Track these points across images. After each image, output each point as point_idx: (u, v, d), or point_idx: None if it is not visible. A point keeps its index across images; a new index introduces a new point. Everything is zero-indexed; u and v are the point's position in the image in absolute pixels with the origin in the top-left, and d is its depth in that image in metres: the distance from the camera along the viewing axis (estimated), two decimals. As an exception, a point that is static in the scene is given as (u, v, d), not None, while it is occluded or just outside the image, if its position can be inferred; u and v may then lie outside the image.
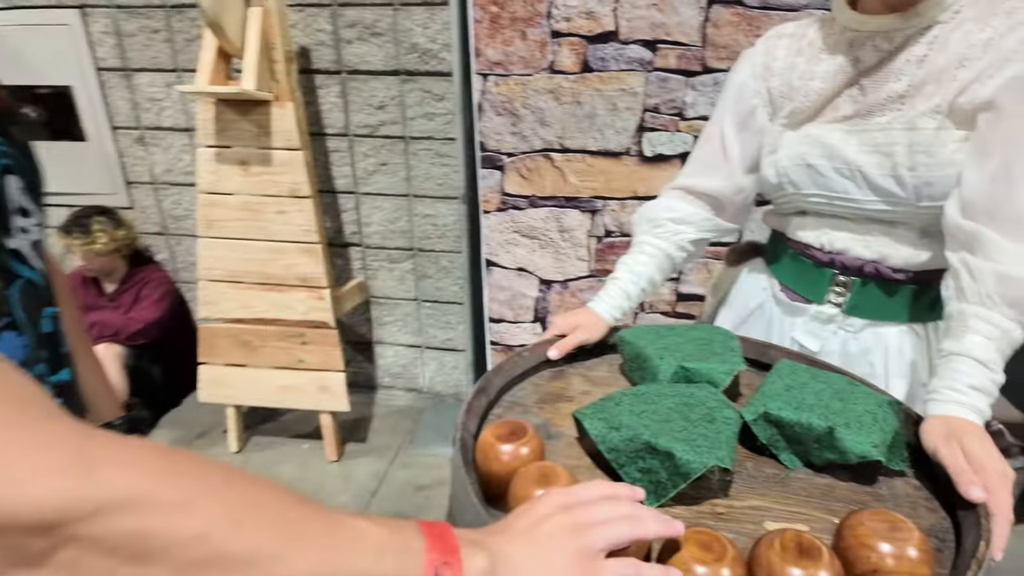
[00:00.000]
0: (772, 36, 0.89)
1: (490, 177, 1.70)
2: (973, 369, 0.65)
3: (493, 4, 1.52)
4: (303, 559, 0.30)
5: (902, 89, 0.74)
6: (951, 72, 0.71)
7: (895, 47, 0.76)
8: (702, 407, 0.67)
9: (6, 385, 0.26)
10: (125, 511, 0.25)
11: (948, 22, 0.73)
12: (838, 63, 0.79)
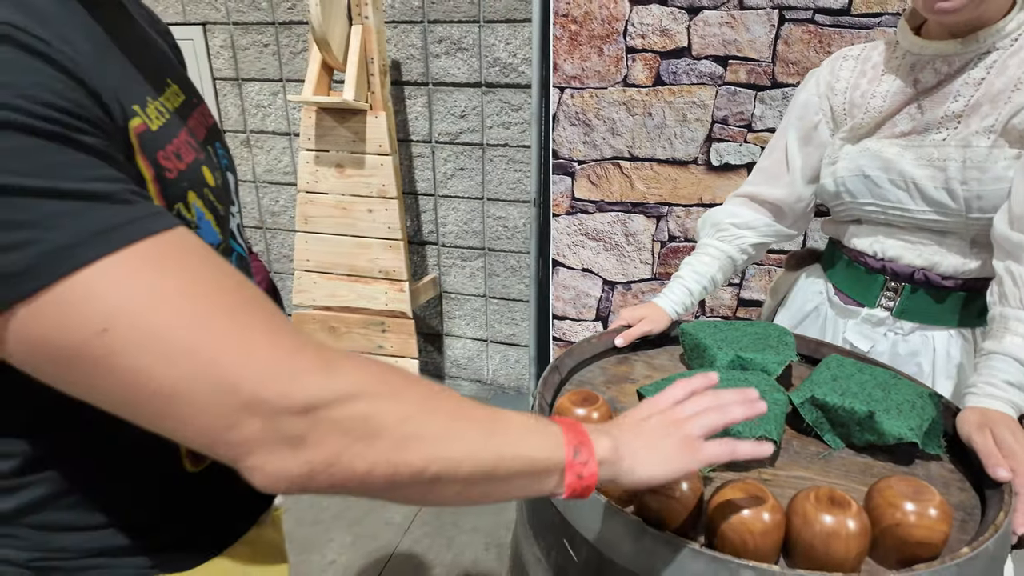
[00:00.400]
0: (838, 57, 0.97)
1: (561, 183, 1.81)
2: (1010, 367, 0.71)
3: (573, 22, 1.64)
4: (474, 436, 0.41)
5: (959, 109, 0.81)
6: (1007, 94, 0.77)
7: (954, 70, 0.82)
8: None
9: (264, 305, 0.38)
10: (356, 400, 0.37)
11: (1007, 48, 0.79)
12: (899, 84, 0.86)
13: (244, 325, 0.35)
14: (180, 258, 0.35)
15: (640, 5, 1.59)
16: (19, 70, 0.32)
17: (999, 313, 0.75)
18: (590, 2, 1.61)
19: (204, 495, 0.52)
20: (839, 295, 0.98)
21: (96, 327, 0.32)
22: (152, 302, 0.33)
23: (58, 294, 0.31)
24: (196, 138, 0.51)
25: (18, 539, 0.46)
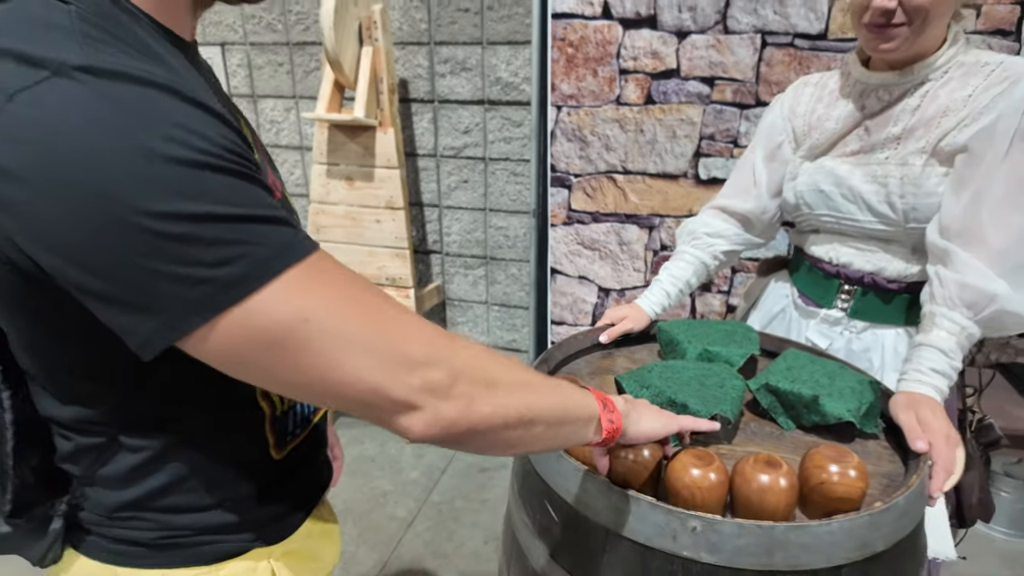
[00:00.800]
0: (800, 84, 1.08)
1: (558, 194, 1.93)
2: (936, 356, 0.81)
3: (569, 46, 1.76)
4: (548, 389, 0.55)
5: (898, 132, 0.92)
6: (937, 120, 0.88)
7: (895, 98, 0.93)
8: (716, 377, 0.86)
9: (389, 298, 0.47)
10: (475, 359, 0.47)
11: (938, 79, 0.90)
12: (849, 108, 0.97)
13: (395, 311, 0.45)
14: (335, 267, 0.44)
15: (632, 30, 1.71)
16: (202, 122, 0.40)
17: (928, 310, 0.85)
18: (585, 27, 1.73)
19: (286, 478, 0.62)
20: (802, 298, 1.08)
21: (299, 317, 0.40)
22: (334, 298, 0.42)
23: (268, 294, 0.39)
24: (272, 169, 0.62)
25: (145, 521, 0.55)
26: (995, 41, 1.50)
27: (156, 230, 0.37)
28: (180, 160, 0.37)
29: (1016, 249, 0.82)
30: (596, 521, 0.70)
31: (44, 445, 0.55)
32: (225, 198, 0.39)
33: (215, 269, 0.38)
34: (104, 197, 0.36)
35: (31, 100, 0.36)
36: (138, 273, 0.38)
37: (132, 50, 0.41)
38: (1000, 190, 0.82)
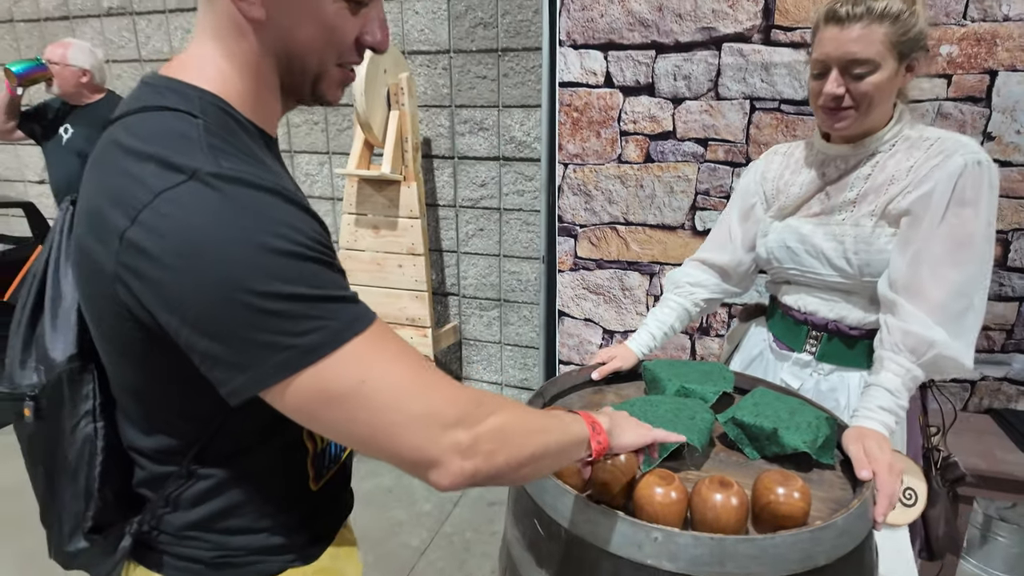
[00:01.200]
0: (771, 153, 1.22)
1: (565, 243, 2.07)
2: (883, 395, 0.92)
3: (575, 111, 1.94)
4: (550, 427, 0.63)
5: (853, 197, 1.04)
6: (885, 187, 1.01)
7: (850, 167, 1.06)
8: (689, 411, 0.97)
9: (426, 362, 0.57)
10: (492, 419, 0.55)
11: (886, 151, 1.03)
12: (812, 175, 1.11)
13: (434, 376, 0.54)
14: (389, 336, 0.53)
15: (631, 96, 1.88)
16: (298, 219, 0.50)
17: (878, 354, 0.96)
18: (589, 94, 1.91)
19: (320, 506, 0.70)
20: (776, 342, 1.19)
21: (358, 379, 0.49)
22: (386, 364, 0.51)
23: (336, 359, 0.49)
24: None
25: (206, 541, 0.63)
26: (967, 107, 1.63)
27: (258, 306, 0.47)
28: (283, 252, 0.48)
29: (953, 301, 0.93)
30: (575, 534, 0.81)
31: (125, 471, 0.64)
32: (313, 282, 0.49)
33: (298, 338, 0.48)
34: (222, 277, 0.46)
35: (171, 198, 0.47)
36: (239, 337, 0.48)
37: (243, 156, 0.53)
38: (938, 249, 0.94)
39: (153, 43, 2.70)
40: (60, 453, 0.62)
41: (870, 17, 0.92)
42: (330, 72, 0.61)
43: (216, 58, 0.57)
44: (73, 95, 2.44)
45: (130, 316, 0.52)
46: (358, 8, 0.59)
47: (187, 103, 0.54)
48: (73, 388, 0.61)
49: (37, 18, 2.87)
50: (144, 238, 0.48)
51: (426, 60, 2.29)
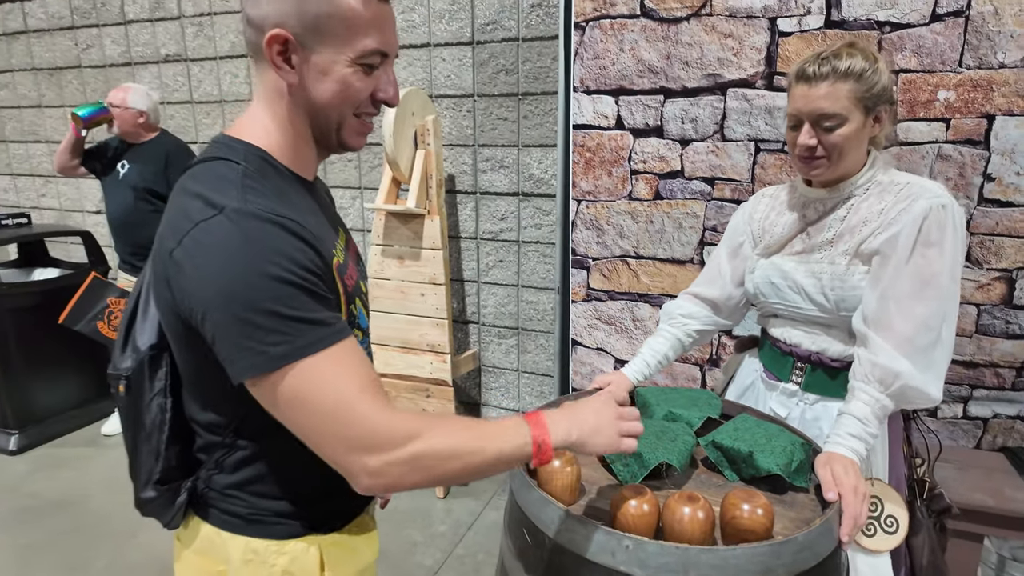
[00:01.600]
0: (759, 195, 1.30)
1: (578, 275, 2.17)
2: (853, 423, 0.97)
3: (588, 151, 2.05)
4: (474, 442, 0.69)
5: (830, 237, 1.12)
6: (858, 228, 1.08)
7: (828, 209, 1.14)
8: (671, 433, 1.05)
9: (375, 384, 0.68)
10: (408, 446, 0.64)
11: (860, 195, 1.10)
12: (795, 217, 1.18)
13: (364, 405, 0.65)
14: (342, 360, 0.65)
15: (641, 138, 1.99)
16: (292, 247, 0.64)
17: (851, 384, 1.02)
18: (601, 136, 2.03)
19: (341, 486, 0.73)
20: (766, 372, 1.25)
21: (304, 391, 0.63)
22: (327, 384, 0.64)
23: (292, 370, 0.62)
24: (355, 262, 0.85)
25: (242, 500, 0.78)
26: (966, 150, 1.69)
27: (245, 316, 0.62)
28: (273, 276, 0.62)
29: (920, 335, 0.99)
30: (557, 542, 0.88)
31: (186, 439, 0.80)
32: (291, 304, 0.63)
33: (269, 347, 0.63)
34: (225, 290, 0.63)
35: (205, 228, 0.63)
36: (230, 338, 0.63)
37: (272, 195, 0.68)
38: (905, 287, 1.00)
39: (204, 87, 2.94)
40: (140, 420, 0.78)
41: (835, 76, 1.01)
42: (349, 122, 0.75)
43: (263, 118, 0.75)
44: (131, 134, 2.68)
45: (174, 313, 0.68)
46: (370, 71, 0.73)
47: (235, 154, 0.71)
48: (151, 370, 0.77)
49: (103, 64, 3.16)
50: (182, 256, 0.65)
51: (452, 103, 2.45)
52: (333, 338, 0.66)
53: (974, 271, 1.74)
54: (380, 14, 0.72)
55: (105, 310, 2.65)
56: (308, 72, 0.71)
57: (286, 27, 0.68)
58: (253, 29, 0.71)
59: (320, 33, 0.69)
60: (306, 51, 0.70)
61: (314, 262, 0.67)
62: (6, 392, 2.75)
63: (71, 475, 2.63)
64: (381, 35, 0.72)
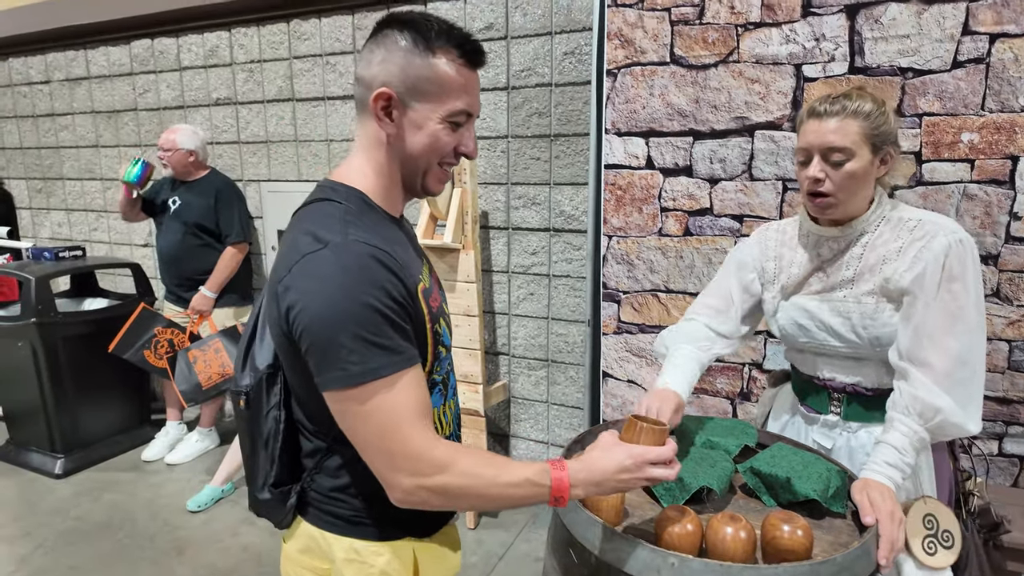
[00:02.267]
0: (763, 230, 1.32)
1: (609, 308, 2.23)
2: (890, 452, 1.01)
3: (618, 189, 2.14)
4: (502, 498, 0.78)
5: (850, 275, 1.16)
6: (878, 267, 1.12)
7: (842, 248, 1.17)
8: (711, 459, 1.09)
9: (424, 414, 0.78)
10: (437, 477, 0.76)
11: (873, 232, 1.15)
12: (809, 255, 1.21)
13: (410, 431, 0.75)
14: (409, 384, 0.76)
15: (671, 177, 2.07)
16: (383, 278, 0.75)
17: (889, 415, 1.06)
18: (632, 175, 2.11)
19: None
20: (803, 406, 1.28)
21: (367, 408, 0.74)
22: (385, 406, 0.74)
23: (368, 387, 0.73)
24: (438, 287, 0.95)
25: (345, 503, 0.88)
26: (991, 189, 1.73)
27: (335, 338, 0.73)
28: (364, 304, 0.74)
29: (957, 369, 1.03)
30: (603, 560, 0.93)
31: (296, 446, 0.90)
32: (373, 331, 0.74)
33: (351, 365, 0.73)
34: (323, 314, 0.74)
35: (312, 259, 0.75)
36: (321, 354, 0.74)
37: (369, 229, 0.79)
38: (937, 323, 1.05)
39: (252, 128, 3.12)
40: (258, 430, 0.89)
41: (845, 113, 1.07)
42: (433, 170, 0.87)
43: (362, 165, 0.87)
44: (182, 173, 2.85)
45: (284, 334, 0.79)
46: (456, 128, 0.85)
47: (338, 195, 0.84)
48: (268, 386, 0.88)
49: (157, 107, 3.37)
50: (289, 282, 0.77)
51: (487, 144, 2.57)
52: (401, 365, 0.76)
53: (1004, 307, 1.77)
54: (470, 80, 0.84)
55: (152, 339, 2.78)
56: (405, 125, 0.83)
57: (391, 86, 0.81)
58: (362, 87, 0.84)
59: (419, 93, 0.81)
60: (405, 108, 0.82)
61: (400, 292, 0.77)
62: (56, 418, 2.87)
63: (115, 498, 2.71)
64: (468, 98, 0.84)
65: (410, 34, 0.81)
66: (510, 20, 2.44)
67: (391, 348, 0.75)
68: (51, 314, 2.76)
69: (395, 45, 0.81)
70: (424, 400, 0.79)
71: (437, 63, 0.81)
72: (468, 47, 0.83)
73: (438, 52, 0.81)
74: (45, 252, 3.06)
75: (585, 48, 2.33)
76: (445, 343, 0.92)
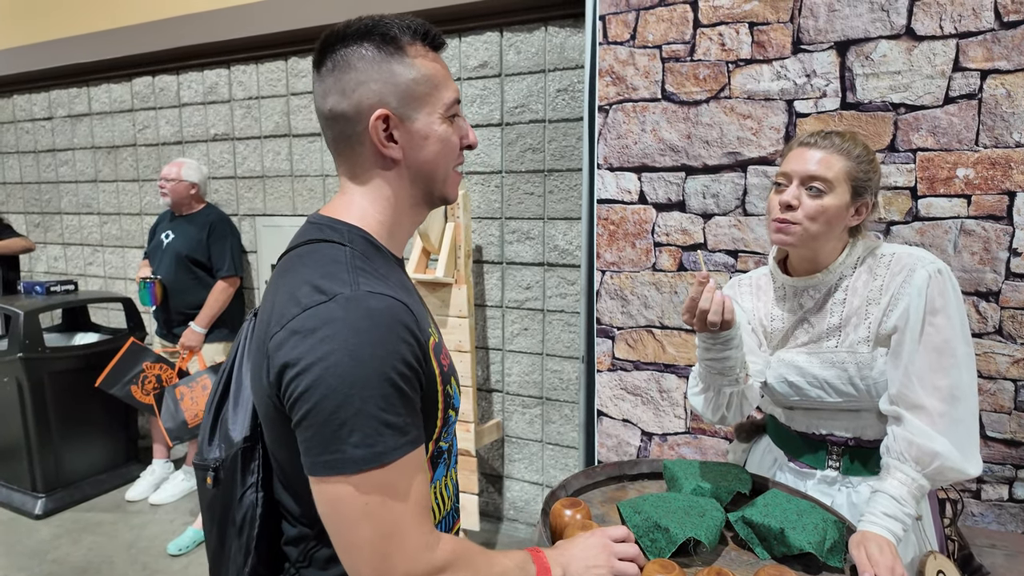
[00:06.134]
0: (733, 284, 1.27)
1: (603, 344, 2.18)
2: (888, 502, 0.95)
3: (611, 223, 2.12)
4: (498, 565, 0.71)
5: (837, 322, 1.11)
6: (864, 310, 1.08)
7: (824, 295, 1.13)
8: (700, 508, 1.03)
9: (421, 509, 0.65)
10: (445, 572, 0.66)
11: (852, 275, 1.11)
12: (789, 306, 1.17)
13: (421, 528, 0.65)
14: (412, 471, 0.65)
15: (664, 212, 2.05)
16: (397, 339, 0.63)
17: (885, 462, 1.00)
18: (624, 209, 2.09)
19: None
20: (793, 462, 1.21)
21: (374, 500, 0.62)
22: (394, 499, 0.63)
23: (369, 477, 0.61)
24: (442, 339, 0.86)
25: None
26: (989, 225, 1.70)
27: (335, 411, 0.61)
28: (380, 373, 0.62)
29: (950, 408, 0.98)
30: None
31: (275, 532, 0.77)
32: (381, 405, 0.62)
33: (352, 448, 0.61)
34: (324, 380, 0.61)
35: (315, 314, 0.64)
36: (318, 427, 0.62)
37: (378, 275, 0.69)
38: (923, 361, 1.00)
39: (248, 163, 3.14)
40: (229, 515, 0.76)
41: (833, 148, 1.05)
42: (451, 176, 0.80)
43: (360, 201, 0.76)
44: (181, 205, 2.85)
45: (271, 399, 0.68)
46: (453, 120, 0.78)
47: (339, 236, 0.73)
48: (244, 463, 0.75)
49: (156, 143, 3.40)
50: (285, 339, 0.65)
51: (481, 179, 2.57)
52: (407, 448, 0.65)
53: (1007, 345, 1.71)
54: (445, 66, 0.78)
55: (140, 375, 2.73)
56: (411, 142, 0.75)
57: (385, 105, 0.72)
58: (345, 121, 0.74)
59: (414, 100, 0.74)
60: (406, 123, 0.74)
61: (415, 354, 0.66)
62: (39, 456, 2.80)
63: (95, 540, 2.62)
64: (453, 84, 0.78)
65: (376, 43, 0.73)
66: (504, 58, 2.46)
67: (400, 428, 0.63)
68: (38, 349, 2.73)
69: (365, 62, 0.72)
70: (426, 491, 0.68)
71: (415, 62, 0.74)
72: (431, 32, 0.76)
73: (410, 50, 0.74)
74: (36, 286, 3.04)
75: (578, 85, 2.34)
76: (455, 405, 0.81)
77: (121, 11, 3.25)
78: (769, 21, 1.87)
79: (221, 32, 2.93)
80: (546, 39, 2.38)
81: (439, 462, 0.80)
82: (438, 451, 0.79)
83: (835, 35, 1.80)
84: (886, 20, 1.74)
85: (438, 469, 0.80)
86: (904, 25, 1.72)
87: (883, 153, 1.78)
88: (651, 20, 2.00)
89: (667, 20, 1.98)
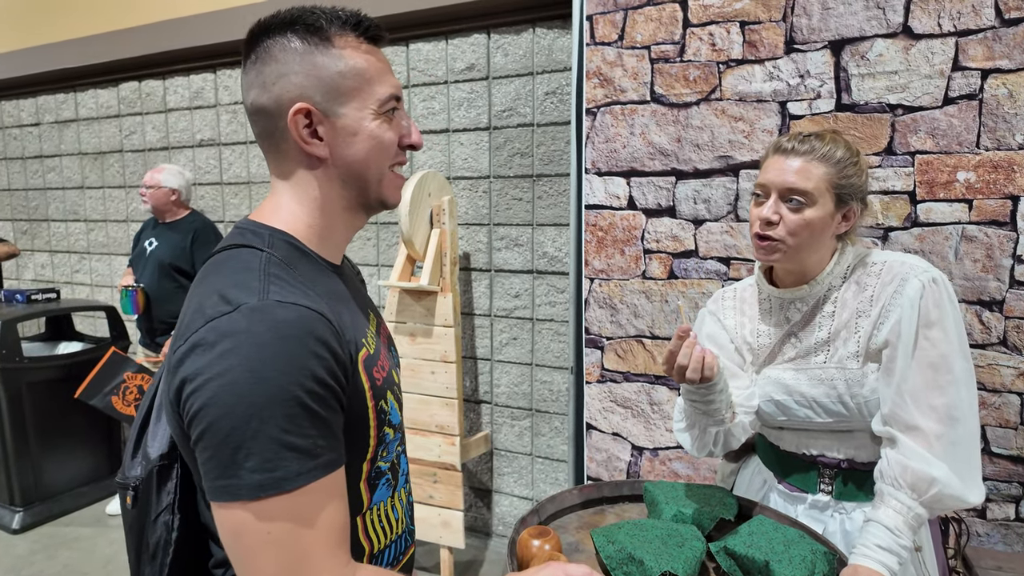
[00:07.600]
0: (716, 299, 1.20)
1: (592, 354, 2.10)
2: (882, 533, 0.87)
3: (600, 230, 2.05)
4: None
5: (825, 336, 1.03)
6: (854, 322, 1.00)
7: (811, 308, 1.05)
8: (679, 537, 0.95)
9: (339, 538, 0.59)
10: None
11: (840, 286, 1.03)
12: (775, 320, 1.09)
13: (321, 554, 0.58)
14: (324, 498, 0.59)
15: (654, 218, 1.98)
16: (306, 352, 0.57)
17: (878, 487, 0.92)
18: (613, 215, 2.02)
19: None
20: (783, 484, 1.13)
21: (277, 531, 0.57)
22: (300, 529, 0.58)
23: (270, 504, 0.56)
24: (387, 348, 0.78)
25: None
26: (992, 231, 1.62)
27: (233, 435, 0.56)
28: (283, 390, 0.56)
29: (948, 430, 0.90)
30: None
31: (198, 556, 0.71)
32: (284, 426, 0.57)
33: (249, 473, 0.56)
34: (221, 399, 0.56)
35: (217, 326, 0.58)
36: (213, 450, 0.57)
37: (297, 282, 0.64)
38: (918, 378, 0.92)
39: (234, 169, 3.08)
40: (145, 538, 0.71)
41: (813, 155, 0.97)
42: (387, 176, 0.73)
43: (288, 203, 0.72)
44: (164, 212, 2.79)
45: (175, 415, 0.62)
46: (391, 117, 0.72)
47: (260, 240, 0.68)
48: (160, 482, 0.71)
49: (143, 149, 3.35)
50: (186, 354, 0.59)
51: (468, 184, 2.50)
52: (316, 473, 0.59)
53: (1012, 357, 1.63)
54: (382, 60, 0.72)
55: (121, 385, 2.66)
56: (337, 139, 0.69)
57: (306, 99, 0.67)
58: (266, 116, 0.70)
59: (340, 94, 0.68)
60: (331, 119, 0.69)
61: (329, 369, 0.61)
62: (17, 469, 2.73)
63: (72, 556, 2.55)
64: (391, 79, 0.72)
65: (300, 34, 0.68)
66: (491, 60, 2.40)
67: (305, 451, 0.58)
68: (16, 359, 2.67)
69: (287, 53, 0.68)
70: (342, 519, 0.63)
71: (343, 53, 0.69)
72: (365, 24, 0.71)
73: (338, 41, 0.69)
74: (17, 294, 2.99)
75: (566, 88, 2.28)
76: (393, 422, 0.75)
77: (108, 16, 3.21)
78: (761, 20, 1.80)
79: (207, 36, 2.88)
80: (534, 41, 2.32)
81: (379, 483, 0.74)
82: (376, 472, 0.73)
83: (829, 34, 1.73)
84: (882, 18, 1.67)
85: (379, 491, 0.74)
86: (901, 23, 1.65)
87: (880, 156, 1.70)
88: (639, 20, 1.94)
89: (656, 20, 1.92)
